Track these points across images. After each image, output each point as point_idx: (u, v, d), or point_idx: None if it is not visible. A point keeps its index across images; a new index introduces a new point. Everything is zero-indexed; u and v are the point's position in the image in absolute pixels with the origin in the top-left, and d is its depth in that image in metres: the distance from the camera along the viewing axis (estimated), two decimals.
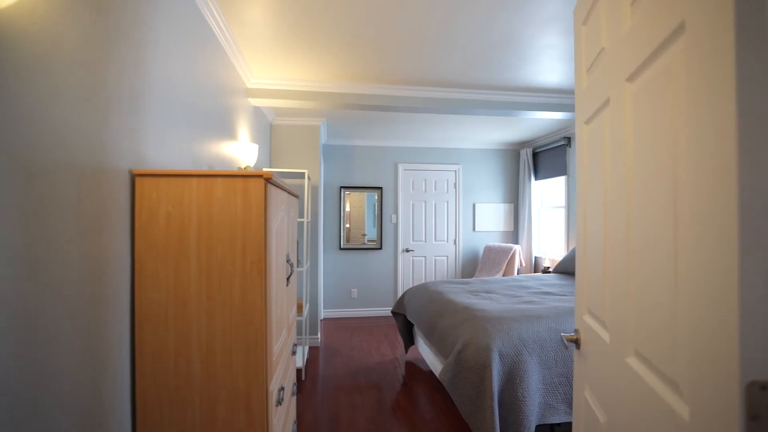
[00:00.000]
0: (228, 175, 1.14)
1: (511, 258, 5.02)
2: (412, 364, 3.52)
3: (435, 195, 5.50)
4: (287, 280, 1.61)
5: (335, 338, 4.25)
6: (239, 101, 2.60)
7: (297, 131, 3.93)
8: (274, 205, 1.30)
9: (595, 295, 1.07)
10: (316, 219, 3.97)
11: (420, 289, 3.31)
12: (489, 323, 2.13)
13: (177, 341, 1.11)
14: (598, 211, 1.03)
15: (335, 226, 5.14)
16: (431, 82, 2.93)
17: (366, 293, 5.21)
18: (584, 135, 1.19)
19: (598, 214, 1.04)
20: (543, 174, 5.17)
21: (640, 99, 0.77)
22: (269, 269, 1.21)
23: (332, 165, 5.11)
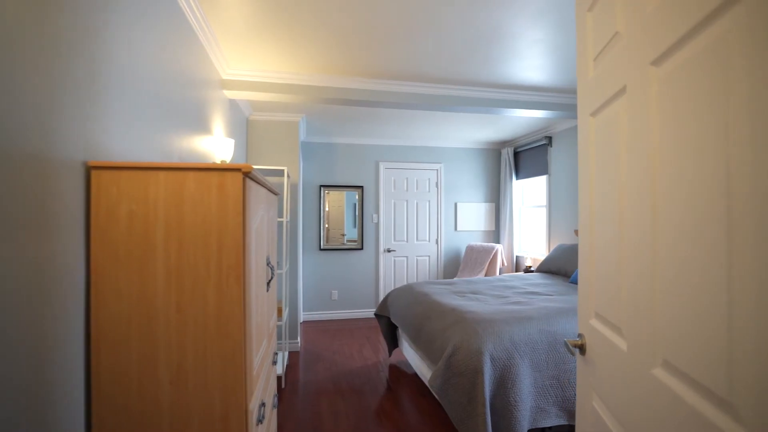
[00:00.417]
0: (201, 168, 1.01)
1: (493, 257, 5.01)
2: (396, 367, 3.42)
3: (417, 194, 5.43)
4: (267, 285, 1.48)
5: (316, 342, 4.11)
6: (213, 93, 2.43)
7: (275, 127, 3.76)
8: (253, 202, 1.17)
9: (605, 298, 1.00)
10: (296, 218, 3.82)
11: (404, 290, 3.22)
12: (479, 326, 2.06)
13: (141, 360, 0.97)
14: (610, 207, 0.96)
15: (315, 225, 4.99)
16: (417, 77, 2.84)
17: (347, 295, 5.08)
18: (590, 127, 1.12)
19: (610, 209, 0.96)
20: (524, 173, 5.18)
21: (670, 83, 0.69)
22: (248, 275, 1.08)
23: (312, 163, 4.95)
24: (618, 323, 0.92)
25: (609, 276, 0.97)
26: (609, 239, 0.97)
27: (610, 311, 0.97)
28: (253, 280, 1.16)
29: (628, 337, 0.85)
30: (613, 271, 0.95)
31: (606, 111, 1.00)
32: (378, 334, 4.41)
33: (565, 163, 4.39)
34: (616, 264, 0.93)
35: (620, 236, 0.90)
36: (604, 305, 1.01)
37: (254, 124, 3.72)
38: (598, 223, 1.05)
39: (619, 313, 0.92)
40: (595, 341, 1.07)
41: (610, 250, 0.97)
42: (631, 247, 0.84)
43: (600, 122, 1.05)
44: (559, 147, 4.51)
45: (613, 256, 0.95)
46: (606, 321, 1.00)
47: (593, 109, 1.09)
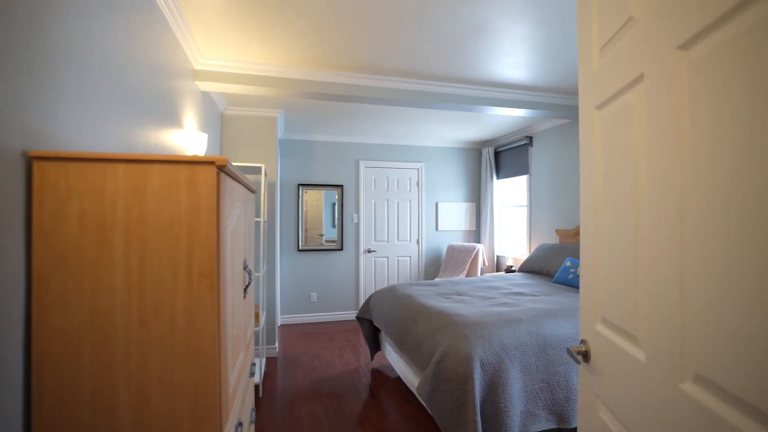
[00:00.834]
0: (168, 160, 0.88)
1: (474, 257, 4.99)
2: (378, 371, 3.32)
3: (397, 194, 5.35)
4: (245, 292, 1.35)
5: (294, 346, 3.95)
6: (185, 84, 2.25)
7: (252, 123, 3.58)
8: (229, 200, 1.04)
9: (615, 304, 0.94)
10: (274, 218, 3.66)
11: (387, 292, 3.12)
12: (468, 329, 1.99)
13: (95, 384, 0.83)
14: (622, 206, 0.89)
15: (293, 226, 4.82)
16: (400, 73, 2.75)
17: (326, 297, 4.94)
18: (595, 121, 1.05)
19: (622, 209, 0.90)
20: (505, 173, 5.19)
21: (706, 68, 0.62)
22: (223, 281, 0.95)
23: (290, 161, 4.79)
24: (632, 330, 0.85)
25: (620, 280, 0.91)
26: (620, 242, 0.90)
27: (620, 317, 0.91)
28: (228, 287, 1.03)
29: (647, 346, 0.79)
30: (625, 276, 0.88)
31: (616, 103, 0.94)
32: (359, 336, 4.30)
33: (546, 163, 4.41)
34: (629, 269, 0.86)
35: (636, 239, 0.84)
36: (613, 311, 0.95)
37: (229, 119, 3.53)
38: (605, 223, 0.99)
39: (633, 320, 0.85)
40: (601, 348, 1.01)
41: (621, 253, 0.90)
42: (653, 252, 0.77)
43: (608, 115, 0.98)
44: (540, 147, 4.53)
45: (625, 259, 0.88)
46: (616, 327, 0.94)
47: (599, 102, 1.02)
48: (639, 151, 0.83)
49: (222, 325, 0.94)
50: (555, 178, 4.28)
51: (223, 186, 0.95)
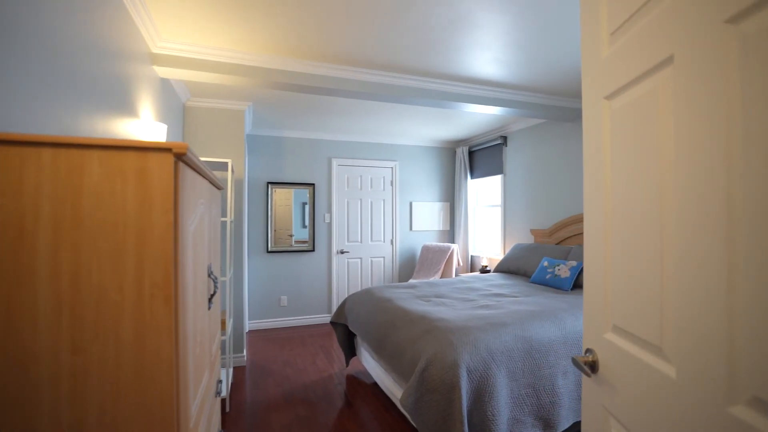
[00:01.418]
0: (111, 145, 0.70)
1: (449, 257, 4.94)
2: (354, 378, 3.18)
3: (371, 193, 5.22)
4: (210, 302, 1.17)
5: (264, 353, 3.73)
6: (140, 69, 2.02)
7: (217, 116, 3.34)
8: (190, 196, 0.87)
9: (632, 311, 0.85)
10: (241, 218, 3.43)
11: (364, 295, 2.99)
12: (453, 335, 1.89)
13: (13, 428, 0.65)
14: (643, 205, 0.81)
15: (262, 226, 4.58)
16: (378, 65, 2.62)
17: (297, 300, 4.74)
18: (604, 113, 0.97)
19: (643, 208, 0.81)
20: (479, 173, 5.18)
21: (761, 45, 0.54)
22: (183, 293, 0.79)
23: (259, 158, 4.55)
24: (656, 342, 0.77)
25: (639, 287, 0.82)
26: (640, 245, 0.82)
27: (639, 327, 0.82)
28: (189, 299, 0.86)
29: (679, 362, 0.70)
30: (646, 281, 0.79)
31: (632, 91, 0.85)
32: (332, 341, 4.13)
33: (521, 163, 4.43)
34: (652, 274, 0.77)
35: (661, 242, 0.75)
36: (630, 319, 0.86)
37: (192, 111, 3.27)
38: (618, 224, 0.90)
39: (657, 330, 0.76)
40: (613, 359, 0.92)
41: (641, 257, 0.81)
42: (688, 257, 0.68)
43: (621, 105, 0.89)
44: (514, 147, 4.54)
45: (646, 264, 0.79)
46: (633, 337, 0.85)
47: (609, 92, 0.94)
48: (665, 143, 0.74)
49: (181, 345, 0.78)
50: (530, 178, 4.30)
51: (182, 179, 0.78)
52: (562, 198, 3.84)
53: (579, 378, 2.06)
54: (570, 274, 2.95)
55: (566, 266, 3.02)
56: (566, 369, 2.03)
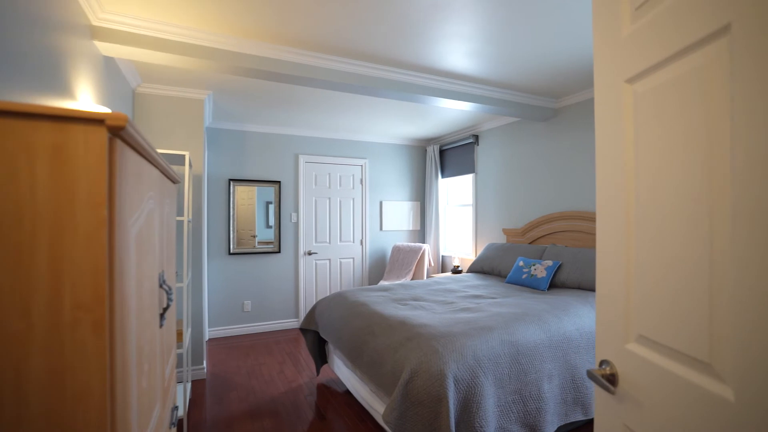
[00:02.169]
0: (8, 111, 0.50)
1: (420, 258, 4.85)
2: (325, 387, 2.99)
3: (340, 191, 5.03)
4: (162, 318, 0.96)
5: (226, 364, 3.45)
6: (78, 44, 1.73)
7: (173, 104, 3.03)
8: (134, 186, 0.67)
9: (668, 321, 0.75)
10: (200, 217, 3.14)
11: (336, 300, 2.80)
12: (438, 342, 1.76)
13: None
14: (684, 199, 0.70)
15: (223, 226, 4.27)
16: (351, 54, 2.45)
17: (262, 305, 4.46)
18: (625, 98, 0.87)
19: (687, 207, 0.70)
20: (450, 172, 5.13)
21: None
22: (122, 314, 0.60)
23: (220, 153, 4.23)
24: (704, 358, 0.66)
25: (677, 295, 0.72)
26: (681, 249, 0.71)
27: (679, 339, 0.72)
28: (132, 320, 0.67)
29: (737, 383, 0.59)
30: (690, 290, 0.69)
31: (666, 71, 0.75)
32: (300, 347, 3.91)
33: (493, 162, 4.40)
34: (699, 281, 0.67)
35: (711, 246, 0.64)
36: (664, 329, 0.76)
37: (144, 98, 2.95)
38: (648, 224, 0.80)
39: (705, 345, 0.66)
40: (639, 373, 0.82)
41: (682, 262, 0.71)
42: (750, 264, 0.57)
43: (651, 88, 0.79)
44: (486, 146, 4.51)
45: (690, 271, 0.69)
46: (669, 350, 0.75)
47: (632, 74, 0.84)
48: (717, 128, 0.64)
49: (119, 384, 0.58)
50: (502, 177, 4.28)
51: (122, 163, 0.59)
52: (534, 197, 3.84)
53: (563, 382, 2.00)
54: (546, 273, 2.92)
55: (542, 266, 2.99)
56: (551, 373, 1.96)
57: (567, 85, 3.11)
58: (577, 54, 2.52)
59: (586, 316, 2.24)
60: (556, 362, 1.99)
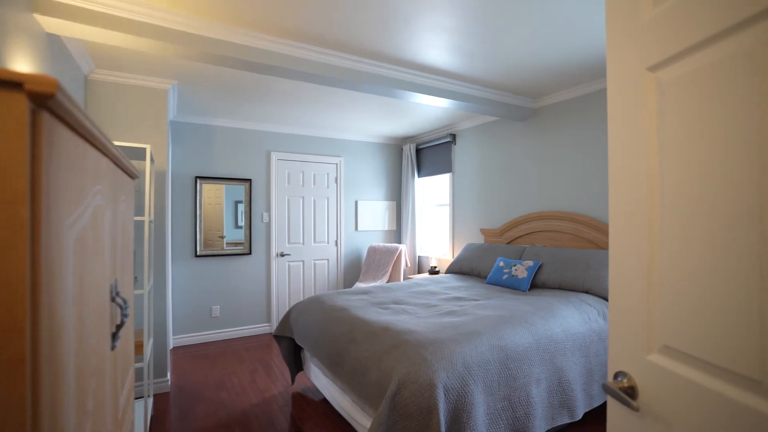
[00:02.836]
0: None
1: (397, 259, 4.76)
2: (301, 396, 2.83)
3: (314, 190, 4.86)
4: (114, 339, 0.80)
5: (193, 374, 3.22)
6: (12, 16, 1.50)
7: (132, 94, 2.78)
8: (73, 176, 0.52)
9: (704, 331, 0.67)
10: (163, 217, 2.90)
11: (312, 304, 2.65)
12: (426, 350, 1.66)
13: None
14: (725, 198, 0.63)
15: (189, 226, 4.01)
16: (327, 42, 2.32)
17: (231, 309, 4.22)
18: (648, 87, 0.79)
19: (725, 201, 0.63)
20: (427, 171, 5.07)
21: None
22: (54, 347, 0.45)
23: (185, 149, 3.96)
24: (753, 374, 0.59)
25: (715, 304, 0.64)
26: (720, 253, 0.63)
27: (718, 352, 0.64)
28: (68, 352, 0.51)
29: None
30: (732, 300, 0.61)
31: (701, 56, 0.67)
32: (273, 353, 3.72)
33: (470, 162, 4.37)
34: (744, 291, 0.59)
35: (761, 251, 0.57)
36: (696, 341, 0.68)
37: (98, 86, 2.68)
38: (676, 225, 0.72)
39: (756, 360, 0.59)
40: (665, 388, 0.74)
41: (722, 268, 0.63)
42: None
43: (680, 75, 0.72)
44: (463, 145, 4.48)
45: (731, 278, 0.61)
46: (704, 364, 0.67)
47: (656, 61, 0.76)
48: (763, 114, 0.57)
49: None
50: (479, 177, 4.26)
51: (50, 144, 0.44)
52: (512, 197, 3.83)
53: (551, 385, 1.95)
54: (527, 274, 2.89)
55: (523, 266, 2.96)
56: (539, 376, 1.91)
57: (546, 84, 3.11)
58: (558, 54, 2.50)
59: (571, 318, 2.21)
60: (544, 365, 1.94)
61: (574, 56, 2.55)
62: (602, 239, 2.97)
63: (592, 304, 2.43)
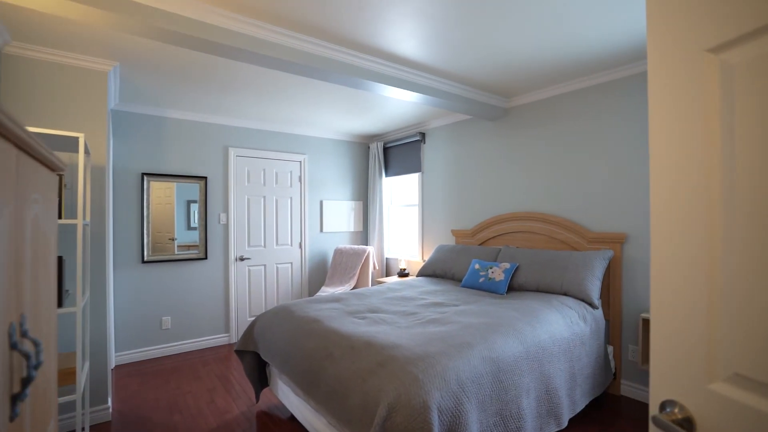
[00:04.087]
0: None
1: (365, 261, 4.57)
2: (267, 416, 2.57)
3: (276, 189, 4.56)
4: (14, 402, 0.56)
5: (140, 396, 2.84)
6: None
7: (61, 74, 2.38)
8: None
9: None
10: (103, 219, 2.52)
11: (280, 315, 2.41)
12: (416, 367, 1.49)
13: None
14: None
15: (135, 229, 3.58)
16: (298, 26, 2.09)
17: (185, 320, 3.84)
18: (709, 70, 0.67)
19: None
20: (394, 170, 4.92)
21: None
22: None
23: (130, 142, 3.54)
24: None
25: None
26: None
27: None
28: None
29: None
30: None
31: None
32: (233, 367, 3.40)
33: (440, 161, 4.28)
34: None
35: None
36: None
37: (16, 62, 2.26)
38: (750, 229, 0.61)
39: None
40: (736, 422, 0.62)
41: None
42: None
43: (757, 56, 0.60)
44: (433, 144, 4.38)
45: None
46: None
47: (721, 41, 0.64)
48: None
49: None
50: (450, 177, 4.17)
51: None
52: (485, 198, 3.77)
53: (539, 395, 1.86)
54: (504, 276, 2.82)
55: (500, 268, 2.89)
56: (528, 387, 1.80)
57: (519, 84, 3.06)
58: (537, 52, 2.44)
59: (555, 322, 2.14)
60: (533, 374, 1.84)
61: (551, 55, 2.49)
62: (575, 240, 2.96)
63: (572, 306, 2.38)
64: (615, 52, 2.46)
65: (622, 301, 2.75)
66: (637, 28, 2.16)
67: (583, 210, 2.98)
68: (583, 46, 2.37)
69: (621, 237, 2.71)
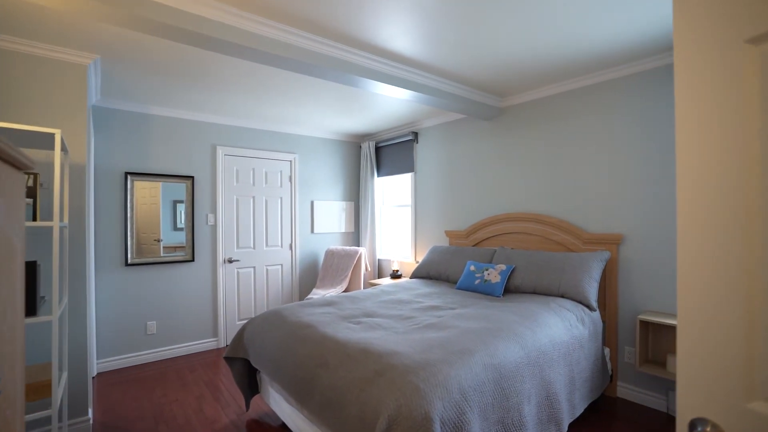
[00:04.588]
0: None
1: (357, 263, 4.49)
2: (257, 424, 2.47)
3: (266, 189, 4.45)
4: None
5: (124, 406, 2.72)
6: None
7: (36, 66, 2.25)
8: None
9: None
10: (83, 221, 2.40)
11: (271, 320, 2.32)
12: (417, 376, 1.42)
13: None
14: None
15: (118, 231, 3.45)
16: (290, 18, 2.01)
17: (171, 325, 3.71)
18: (749, 61, 0.62)
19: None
20: (387, 170, 4.85)
21: None
22: None
23: (112, 140, 3.40)
24: None
25: None
26: None
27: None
28: None
29: None
30: None
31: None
32: (222, 373, 3.29)
33: (433, 161, 4.22)
34: None
35: None
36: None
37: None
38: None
39: None
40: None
41: None
42: None
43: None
44: (426, 144, 4.32)
45: None
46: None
47: (763, 30, 0.59)
48: None
49: None
50: (443, 177, 4.12)
51: None
52: (479, 198, 3.73)
53: (540, 401, 1.81)
54: (500, 278, 2.77)
55: (495, 270, 2.84)
56: (530, 393, 1.75)
57: (514, 83, 3.02)
58: (529, 52, 2.39)
59: (555, 326, 2.10)
60: (534, 380, 1.79)
61: (547, 54, 2.45)
62: (570, 241, 2.93)
63: (570, 309, 2.34)
64: (611, 52, 2.44)
65: (619, 302, 2.73)
66: (634, 28, 2.13)
67: (578, 210, 2.96)
68: (579, 45, 2.34)
69: (617, 238, 2.69)
